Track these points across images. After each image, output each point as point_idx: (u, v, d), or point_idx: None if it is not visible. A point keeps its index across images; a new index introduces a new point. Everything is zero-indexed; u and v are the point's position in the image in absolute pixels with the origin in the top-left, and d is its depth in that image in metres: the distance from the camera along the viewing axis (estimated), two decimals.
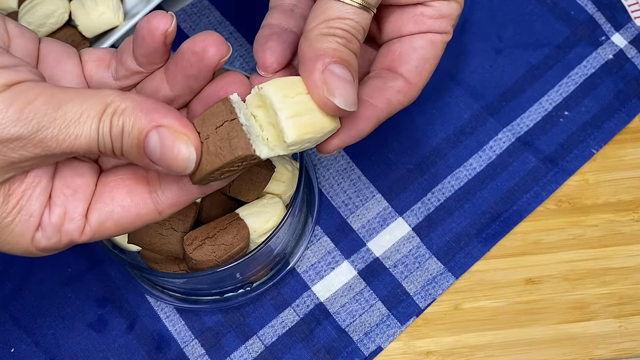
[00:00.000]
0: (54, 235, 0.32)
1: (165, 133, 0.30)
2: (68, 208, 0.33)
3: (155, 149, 0.30)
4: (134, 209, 0.33)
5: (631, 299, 0.50)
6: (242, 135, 0.31)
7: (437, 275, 0.51)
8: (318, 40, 0.33)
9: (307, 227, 0.51)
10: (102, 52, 0.36)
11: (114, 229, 0.33)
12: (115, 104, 0.30)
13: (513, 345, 0.49)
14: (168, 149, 0.30)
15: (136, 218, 0.33)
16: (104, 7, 0.53)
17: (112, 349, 0.50)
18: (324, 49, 0.32)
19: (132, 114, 0.30)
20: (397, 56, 0.37)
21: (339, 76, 0.32)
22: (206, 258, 0.43)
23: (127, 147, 0.30)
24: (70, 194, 0.33)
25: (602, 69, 0.56)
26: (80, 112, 0.30)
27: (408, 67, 0.37)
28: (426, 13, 0.38)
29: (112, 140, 0.30)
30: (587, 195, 0.53)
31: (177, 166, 0.30)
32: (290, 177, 0.47)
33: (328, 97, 0.32)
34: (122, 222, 0.33)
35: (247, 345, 0.49)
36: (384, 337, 0.49)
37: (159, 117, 0.30)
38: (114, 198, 0.33)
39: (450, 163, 0.54)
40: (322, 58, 0.32)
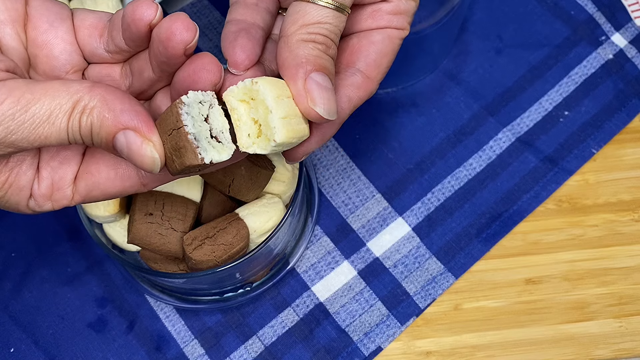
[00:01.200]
0: (45, 202, 0.34)
1: (131, 137, 0.31)
2: (55, 179, 0.34)
3: (122, 149, 0.31)
4: (118, 181, 0.34)
5: (631, 299, 0.50)
6: (188, 145, 0.31)
7: (437, 275, 0.51)
8: (299, 46, 0.33)
9: (307, 227, 0.51)
10: (96, 19, 0.35)
11: (101, 197, 0.35)
12: (83, 102, 0.30)
13: (513, 346, 0.49)
14: (134, 152, 0.31)
15: (121, 189, 0.34)
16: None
17: (112, 349, 0.50)
18: (305, 57, 0.32)
19: (99, 114, 0.30)
20: (355, 50, 0.37)
21: (320, 85, 0.32)
22: (206, 258, 0.43)
23: (98, 144, 0.31)
24: (57, 165, 0.34)
25: (602, 69, 0.56)
26: (49, 112, 0.30)
27: (366, 61, 0.37)
28: (384, 9, 0.38)
29: (82, 137, 0.31)
30: (587, 195, 0.53)
31: (144, 167, 0.31)
32: (290, 177, 0.47)
33: (311, 106, 0.32)
34: (108, 191, 0.34)
35: (247, 346, 0.49)
36: (384, 337, 0.49)
37: (125, 120, 0.30)
38: (100, 170, 0.34)
39: (450, 163, 0.54)
40: (303, 66, 0.32)
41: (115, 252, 0.46)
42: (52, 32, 0.34)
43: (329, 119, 0.33)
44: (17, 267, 0.52)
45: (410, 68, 0.55)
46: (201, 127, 0.31)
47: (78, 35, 0.35)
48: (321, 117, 0.32)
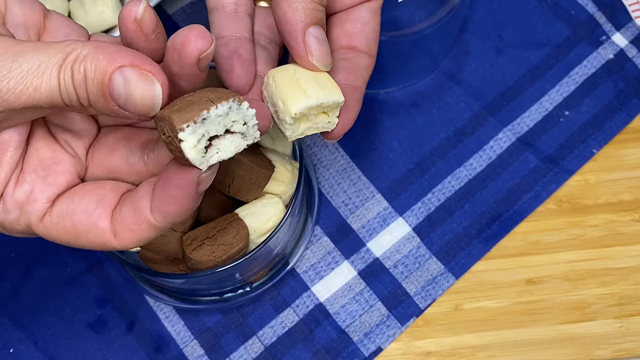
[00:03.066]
0: (13, 209, 0.32)
1: (128, 72, 0.28)
2: (35, 188, 0.32)
3: (120, 90, 0.29)
4: (93, 218, 0.32)
5: (632, 299, 0.50)
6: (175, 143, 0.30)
7: (437, 276, 0.51)
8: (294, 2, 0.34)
9: (307, 227, 0.51)
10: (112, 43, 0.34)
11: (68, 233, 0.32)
12: (76, 52, 0.29)
13: (513, 346, 0.49)
14: (133, 87, 0.29)
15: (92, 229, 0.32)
16: (103, 7, 0.53)
17: (112, 349, 0.50)
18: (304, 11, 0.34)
19: (93, 58, 0.29)
20: (354, 34, 0.39)
21: (317, 38, 0.35)
22: (205, 258, 0.43)
23: (93, 95, 0.29)
24: (43, 175, 0.32)
25: (603, 69, 0.56)
26: (38, 62, 0.28)
27: (367, 41, 0.39)
28: None
29: (76, 88, 0.29)
30: (587, 195, 0.53)
31: (143, 106, 0.29)
32: (290, 177, 0.47)
33: (310, 59, 0.35)
34: (78, 228, 0.32)
35: (247, 346, 0.49)
36: (384, 337, 0.49)
37: (120, 58, 0.29)
38: (82, 201, 0.32)
39: (451, 163, 0.54)
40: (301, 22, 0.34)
41: (114, 252, 0.46)
42: None
43: (325, 70, 0.35)
44: (17, 267, 0.52)
45: (410, 68, 0.55)
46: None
47: None
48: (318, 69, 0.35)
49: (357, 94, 0.38)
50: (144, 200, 0.32)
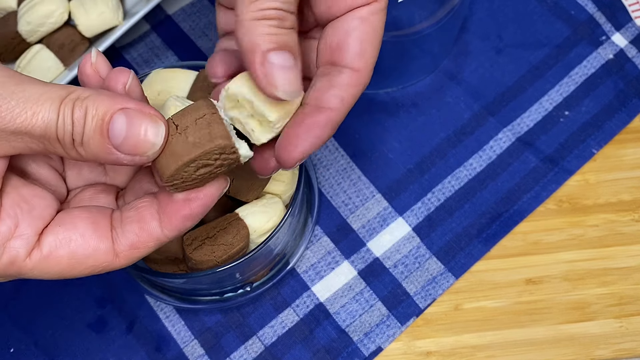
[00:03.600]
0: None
1: (132, 113, 0.29)
2: (21, 223, 0.30)
3: (120, 130, 0.29)
4: (93, 241, 0.31)
5: (632, 299, 0.50)
6: (223, 126, 0.31)
7: (437, 276, 0.51)
8: (251, 27, 0.31)
9: (307, 227, 0.51)
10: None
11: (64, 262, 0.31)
12: (78, 92, 0.29)
13: (513, 346, 0.49)
14: (135, 127, 0.29)
15: (92, 252, 0.31)
16: (104, 7, 0.53)
17: (112, 349, 0.50)
18: (260, 37, 0.31)
19: (96, 99, 0.29)
20: (334, 46, 0.34)
21: (278, 65, 0.31)
22: (206, 258, 0.43)
23: (89, 132, 0.29)
24: (27, 210, 0.31)
25: (603, 69, 0.56)
26: (41, 91, 0.29)
27: (349, 55, 0.34)
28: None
29: (74, 122, 0.29)
30: (587, 195, 0.53)
31: (143, 146, 0.29)
32: (290, 177, 0.47)
33: (272, 91, 0.31)
34: (77, 255, 0.31)
35: (247, 346, 0.49)
36: (384, 337, 0.49)
37: (124, 102, 0.29)
38: (77, 225, 0.31)
39: (451, 163, 0.54)
40: (259, 48, 0.30)
41: None
42: None
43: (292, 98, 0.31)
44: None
45: (410, 68, 0.55)
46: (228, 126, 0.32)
47: None
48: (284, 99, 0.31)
49: (321, 118, 0.33)
50: (152, 220, 0.32)
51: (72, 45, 0.54)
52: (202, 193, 0.32)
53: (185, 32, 0.59)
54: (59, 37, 0.53)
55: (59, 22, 0.53)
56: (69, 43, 0.53)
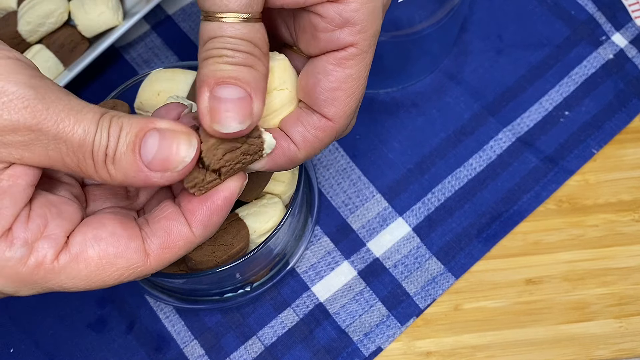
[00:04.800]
0: (22, 246, 0.29)
1: (165, 131, 0.30)
2: (50, 223, 0.30)
3: (152, 147, 0.29)
4: (124, 239, 0.31)
5: (631, 299, 0.50)
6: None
7: (437, 276, 0.51)
8: (200, 67, 0.30)
9: (307, 227, 0.51)
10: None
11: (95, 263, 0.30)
12: (115, 112, 0.30)
13: (513, 346, 0.49)
14: (168, 144, 0.30)
15: (123, 251, 0.31)
16: (103, 7, 0.53)
17: (112, 349, 0.50)
18: (205, 74, 0.30)
19: (132, 117, 0.30)
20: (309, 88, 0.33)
21: (224, 99, 0.30)
22: (205, 258, 0.43)
23: (122, 147, 0.29)
24: (56, 212, 0.31)
25: (603, 69, 0.56)
26: (83, 105, 0.30)
27: (320, 101, 0.33)
28: (319, 26, 0.32)
29: (109, 137, 0.29)
30: (587, 195, 0.53)
31: (173, 161, 0.30)
32: (290, 177, 0.47)
33: (213, 126, 0.30)
34: (107, 254, 0.30)
35: (247, 346, 0.49)
36: (384, 337, 0.49)
37: (158, 121, 0.30)
38: (105, 224, 0.31)
39: (451, 163, 0.54)
40: (203, 86, 0.30)
41: None
42: None
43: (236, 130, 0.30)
44: None
45: (410, 68, 0.55)
46: None
47: None
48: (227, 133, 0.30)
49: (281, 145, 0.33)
50: (179, 217, 0.32)
51: (72, 45, 0.54)
52: (222, 186, 0.32)
53: (185, 32, 0.59)
54: (59, 37, 0.53)
55: (59, 22, 0.53)
56: (68, 43, 0.53)
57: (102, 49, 0.52)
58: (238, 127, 0.30)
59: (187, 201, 0.32)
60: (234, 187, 0.32)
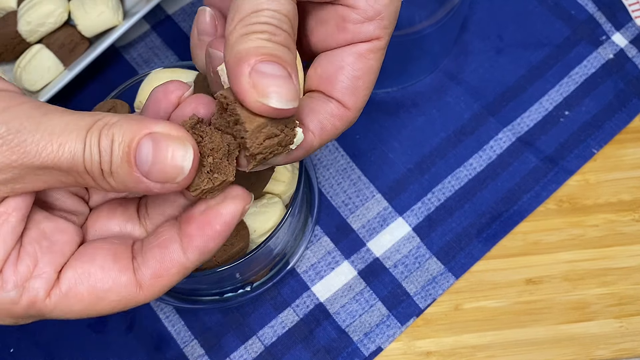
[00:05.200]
0: (13, 289, 0.28)
1: (158, 137, 0.28)
2: (40, 261, 0.29)
3: (147, 156, 0.28)
4: (113, 273, 0.30)
5: (632, 299, 0.50)
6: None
7: (438, 276, 0.51)
8: (237, 43, 0.29)
9: (307, 227, 0.51)
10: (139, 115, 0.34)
11: (86, 294, 0.30)
12: (105, 119, 0.28)
13: (513, 346, 0.49)
14: (162, 151, 0.28)
15: (113, 285, 0.30)
16: (103, 7, 0.53)
17: (112, 349, 0.50)
18: (245, 50, 0.28)
19: (123, 124, 0.28)
20: (326, 76, 0.33)
21: (269, 74, 0.28)
22: None
23: (117, 160, 0.28)
24: (47, 246, 0.30)
25: (603, 69, 0.56)
26: (67, 121, 0.28)
27: (340, 89, 0.33)
28: (349, 17, 0.32)
29: (101, 152, 0.28)
30: (587, 195, 0.53)
31: (171, 172, 0.28)
32: (290, 177, 0.47)
33: (261, 100, 0.28)
34: (97, 289, 0.30)
35: (247, 346, 0.49)
36: (384, 337, 0.49)
37: (152, 125, 0.28)
38: (95, 258, 0.30)
39: (451, 163, 0.54)
40: (244, 61, 0.28)
41: None
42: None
43: (287, 107, 0.28)
44: None
45: (410, 68, 0.55)
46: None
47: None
48: (276, 109, 0.28)
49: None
50: (173, 243, 0.30)
51: (71, 45, 0.54)
52: (224, 210, 0.30)
53: (185, 32, 0.59)
54: (59, 37, 0.53)
55: (59, 22, 0.53)
56: (68, 43, 0.53)
57: (102, 48, 0.52)
58: (288, 104, 0.28)
59: (186, 223, 0.31)
60: (235, 211, 0.30)
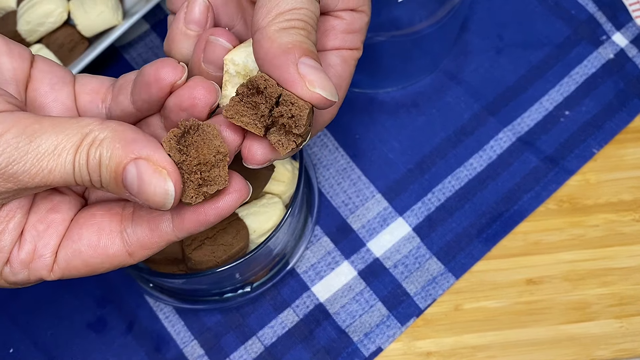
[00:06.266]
0: (21, 271, 0.32)
1: (143, 167, 0.29)
2: (38, 245, 0.32)
3: (133, 182, 0.29)
4: (101, 248, 0.32)
5: (632, 299, 0.50)
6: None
7: (438, 276, 0.51)
8: (281, 35, 0.31)
9: (307, 227, 0.51)
10: (97, 84, 0.34)
11: (83, 269, 0.32)
12: (93, 134, 0.29)
13: (514, 346, 0.49)
14: (145, 183, 0.29)
15: (105, 258, 0.32)
16: (103, 6, 0.53)
17: (111, 349, 0.50)
18: (291, 43, 0.30)
19: (110, 145, 0.29)
20: None
21: (314, 68, 0.31)
22: (205, 258, 0.43)
23: (106, 180, 0.29)
24: (43, 229, 0.32)
25: (603, 69, 0.56)
26: (55, 144, 0.28)
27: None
28: (338, 27, 0.36)
29: (90, 172, 0.29)
30: (588, 195, 0.53)
31: (155, 202, 0.29)
32: (290, 177, 0.47)
33: (312, 89, 0.30)
34: (91, 262, 0.32)
35: (247, 346, 0.49)
36: (384, 337, 0.49)
37: (137, 149, 0.29)
38: (82, 236, 0.32)
39: (451, 163, 0.54)
40: (292, 52, 0.30)
41: None
42: (52, 94, 0.33)
43: (332, 99, 0.31)
44: None
45: (410, 68, 0.55)
46: None
47: (79, 100, 0.34)
48: (325, 99, 0.31)
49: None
50: (163, 220, 0.32)
51: (71, 44, 0.53)
52: (221, 204, 0.31)
53: None
54: (59, 37, 0.53)
55: (59, 22, 0.53)
56: (68, 43, 0.53)
57: (102, 48, 0.52)
58: (334, 96, 0.31)
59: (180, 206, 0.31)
60: (232, 205, 0.31)
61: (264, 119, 0.31)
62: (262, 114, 0.31)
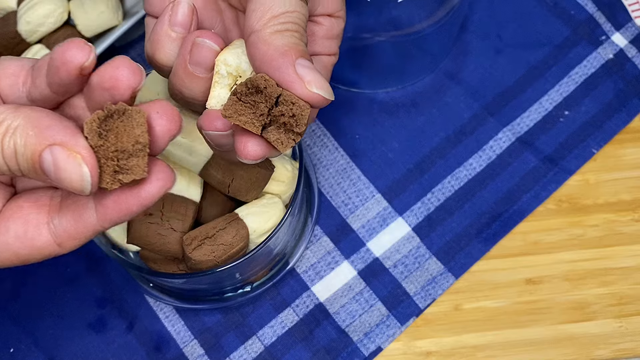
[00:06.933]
0: None
1: (57, 153, 0.28)
2: None
3: (49, 168, 0.28)
4: (28, 241, 0.31)
5: (631, 299, 0.50)
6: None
7: (437, 276, 0.51)
8: (276, 37, 0.32)
9: (307, 227, 0.51)
10: (18, 67, 0.32)
11: (15, 260, 0.32)
12: (6, 122, 0.28)
13: (513, 346, 0.49)
14: (61, 169, 0.28)
15: (33, 250, 0.32)
16: (103, 7, 0.53)
17: (112, 349, 0.50)
18: (287, 45, 0.32)
19: (23, 132, 0.28)
20: None
21: (311, 69, 0.32)
22: (205, 258, 0.43)
23: (25, 168, 0.29)
24: None
25: (603, 69, 0.56)
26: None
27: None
28: (318, 33, 0.37)
29: (7, 162, 0.28)
30: (587, 195, 0.53)
31: (73, 187, 0.28)
32: (289, 177, 0.47)
33: (311, 89, 0.31)
34: (21, 254, 0.32)
35: (247, 346, 0.49)
36: (384, 337, 0.49)
37: (52, 135, 0.28)
38: (9, 228, 0.31)
39: (450, 163, 0.54)
40: (289, 54, 0.31)
41: (115, 252, 0.46)
42: None
43: (330, 98, 0.32)
44: (17, 267, 0.52)
45: (410, 68, 0.55)
46: None
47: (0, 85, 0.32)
48: (323, 98, 0.32)
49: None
50: (87, 210, 0.31)
51: None
52: (143, 193, 0.30)
53: None
54: (59, 37, 0.53)
55: (59, 22, 0.53)
56: None
57: (102, 48, 0.52)
58: (331, 95, 0.32)
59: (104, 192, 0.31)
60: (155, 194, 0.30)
61: (262, 118, 0.32)
62: (261, 113, 0.32)
